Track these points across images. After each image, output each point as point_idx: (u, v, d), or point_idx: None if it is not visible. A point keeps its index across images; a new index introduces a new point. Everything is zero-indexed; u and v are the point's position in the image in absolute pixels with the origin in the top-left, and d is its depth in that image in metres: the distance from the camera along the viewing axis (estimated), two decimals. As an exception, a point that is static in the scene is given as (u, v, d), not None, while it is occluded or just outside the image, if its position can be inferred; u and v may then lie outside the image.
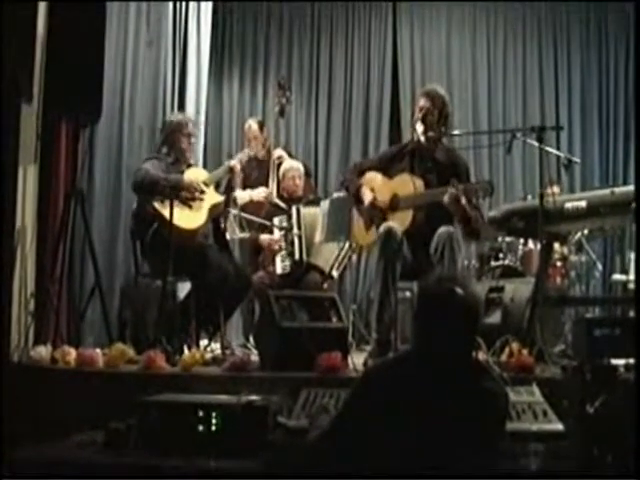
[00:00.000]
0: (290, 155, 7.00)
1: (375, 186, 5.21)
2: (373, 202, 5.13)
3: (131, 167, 6.68)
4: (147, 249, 5.37)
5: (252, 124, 7.06)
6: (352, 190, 5.28)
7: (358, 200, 5.23)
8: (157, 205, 5.31)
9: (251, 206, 6.60)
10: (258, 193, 6.62)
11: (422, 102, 5.10)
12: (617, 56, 9.04)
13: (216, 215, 5.66)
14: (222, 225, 5.86)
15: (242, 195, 6.60)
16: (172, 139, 5.63)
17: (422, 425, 2.47)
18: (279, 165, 6.65)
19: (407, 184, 5.05)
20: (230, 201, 5.96)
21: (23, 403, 4.20)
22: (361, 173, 5.33)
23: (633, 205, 4.78)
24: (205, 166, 7.20)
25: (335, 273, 6.30)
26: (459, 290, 2.54)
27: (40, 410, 4.18)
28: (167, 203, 5.19)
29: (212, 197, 5.54)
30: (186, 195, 5.38)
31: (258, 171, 6.76)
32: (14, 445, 3.56)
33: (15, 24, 4.90)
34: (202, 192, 5.45)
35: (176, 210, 5.17)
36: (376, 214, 5.13)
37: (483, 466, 2.52)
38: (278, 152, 6.74)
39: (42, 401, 4.25)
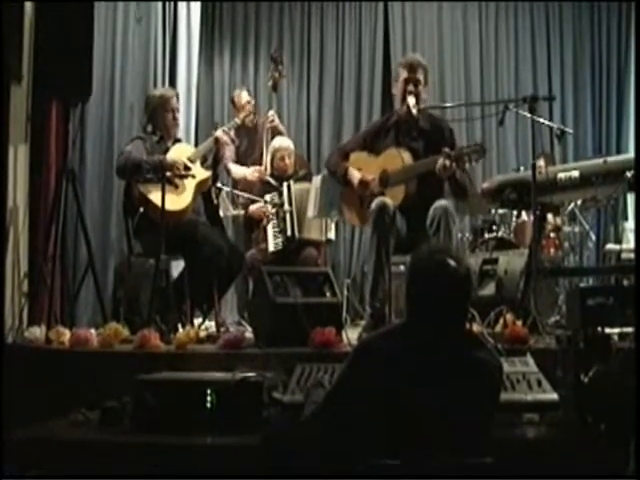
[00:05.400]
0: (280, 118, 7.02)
1: (362, 165, 5.14)
2: (363, 181, 5.08)
3: (122, 145, 6.66)
4: (138, 228, 5.37)
5: (241, 92, 7.07)
6: (340, 175, 5.20)
7: (347, 184, 5.17)
8: (142, 189, 5.26)
9: (244, 182, 6.58)
10: (252, 173, 6.57)
11: (414, 74, 5.02)
12: (609, 24, 8.98)
13: (204, 191, 5.59)
14: (214, 201, 5.81)
15: (236, 170, 6.56)
16: (156, 117, 5.56)
17: (416, 397, 2.47)
18: (272, 132, 6.59)
19: (395, 158, 4.99)
20: (218, 175, 5.88)
21: (18, 384, 4.20)
22: (346, 156, 5.26)
23: (626, 174, 4.78)
24: (197, 143, 7.15)
25: (331, 235, 6.31)
26: (450, 261, 2.53)
27: (35, 390, 4.17)
28: (152, 186, 5.19)
29: (198, 174, 5.45)
30: (170, 175, 5.26)
31: (248, 139, 6.71)
32: (10, 426, 3.57)
33: (3, 4, 4.88)
34: (187, 169, 5.37)
35: (160, 192, 5.09)
36: (367, 193, 5.05)
37: (478, 437, 2.53)
38: (269, 114, 6.66)
39: (37, 381, 4.25)
